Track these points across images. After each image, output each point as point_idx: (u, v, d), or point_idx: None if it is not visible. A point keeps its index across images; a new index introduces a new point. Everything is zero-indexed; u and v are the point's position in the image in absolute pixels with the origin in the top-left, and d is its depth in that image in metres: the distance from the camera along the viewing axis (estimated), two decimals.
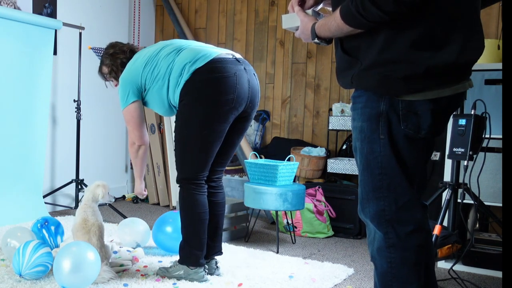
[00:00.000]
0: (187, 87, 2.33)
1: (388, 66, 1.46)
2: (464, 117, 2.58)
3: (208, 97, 2.31)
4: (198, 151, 2.38)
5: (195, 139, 2.36)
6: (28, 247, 2.34)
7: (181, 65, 2.36)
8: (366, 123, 1.56)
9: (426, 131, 1.53)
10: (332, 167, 3.91)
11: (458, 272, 2.76)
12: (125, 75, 2.52)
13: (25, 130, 3.76)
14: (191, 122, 2.35)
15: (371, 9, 1.38)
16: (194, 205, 2.40)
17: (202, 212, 2.42)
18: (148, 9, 5.13)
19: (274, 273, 2.66)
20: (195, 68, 2.32)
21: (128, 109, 2.50)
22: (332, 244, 3.43)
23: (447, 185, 2.72)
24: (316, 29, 1.59)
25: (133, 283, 2.42)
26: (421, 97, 1.49)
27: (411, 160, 1.56)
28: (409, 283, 1.57)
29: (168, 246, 2.93)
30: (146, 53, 2.51)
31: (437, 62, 1.43)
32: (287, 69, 4.57)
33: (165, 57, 2.43)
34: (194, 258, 2.43)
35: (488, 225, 3.18)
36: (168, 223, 2.92)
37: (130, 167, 4.96)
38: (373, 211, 1.59)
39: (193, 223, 2.41)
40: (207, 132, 2.34)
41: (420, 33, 1.43)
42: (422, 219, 1.60)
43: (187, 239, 2.43)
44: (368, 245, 1.66)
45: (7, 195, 3.62)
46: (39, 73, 3.82)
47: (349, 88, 1.62)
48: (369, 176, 1.58)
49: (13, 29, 3.60)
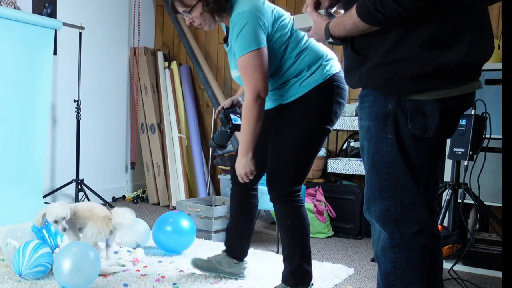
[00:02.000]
0: (320, 90, 2.08)
1: (396, 65, 1.46)
2: (464, 117, 2.58)
3: (336, 111, 2.11)
4: (306, 164, 2.16)
5: (308, 153, 2.14)
6: (28, 247, 2.34)
7: (317, 53, 2.10)
8: (374, 122, 1.55)
9: (433, 131, 1.52)
10: (332, 167, 3.91)
11: (458, 272, 2.76)
12: (251, 13, 1.99)
13: (25, 130, 3.76)
14: (311, 133, 2.11)
15: (390, 4, 1.37)
16: (304, 218, 2.21)
17: (309, 224, 2.25)
18: (148, 9, 5.13)
19: (274, 273, 2.66)
20: (332, 73, 2.10)
21: (249, 54, 1.97)
22: (332, 244, 3.43)
23: (447, 185, 2.72)
24: (330, 29, 1.57)
25: (133, 283, 2.42)
26: (428, 96, 1.48)
27: (418, 160, 1.55)
28: (412, 284, 1.57)
29: (168, 246, 2.93)
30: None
31: (445, 62, 1.42)
32: None
33: (296, 32, 2.10)
34: (309, 276, 2.24)
35: (488, 225, 3.18)
36: (168, 223, 2.91)
37: (130, 167, 4.96)
38: (378, 211, 1.58)
39: (307, 239, 2.22)
40: (319, 147, 2.16)
41: (430, 32, 1.42)
42: (427, 220, 1.59)
43: (303, 257, 2.20)
44: (373, 244, 1.66)
45: (7, 195, 3.62)
46: (39, 73, 3.82)
47: (357, 88, 1.60)
48: (375, 175, 1.58)
49: (13, 29, 3.60)
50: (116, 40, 4.74)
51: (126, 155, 4.95)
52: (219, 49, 4.87)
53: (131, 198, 4.73)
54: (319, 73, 2.09)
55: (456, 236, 2.66)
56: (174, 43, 5.15)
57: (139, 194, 4.79)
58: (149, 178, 4.67)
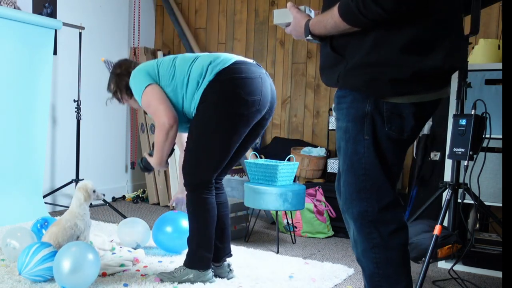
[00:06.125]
0: (212, 87, 2.25)
1: (375, 68, 1.47)
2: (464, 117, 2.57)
3: (237, 96, 2.23)
4: (219, 152, 2.31)
5: (217, 139, 2.29)
6: (39, 253, 2.29)
7: (202, 67, 2.29)
8: (351, 124, 1.57)
9: (408, 133, 1.56)
10: (332, 167, 3.90)
11: (458, 272, 2.76)
12: (139, 68, 2.44)
13: (25, 130, 3.76)
14: (215, 122, 2.27)
15: (372, 7, 1.38)
16: (208, 209, 2.35)
17: (215, 215, 2.39)
18: (148, 9, 5.13)
19: (274, 273, 2.66)
20: (220, 69, 2.25)
21: (146, 92, 2.33)
22: (332, 244, 3.43)
23: (447, 185, 2.71)
24: (311, 26, 1.59)
25: (133, 283, 2.42)
26: (406, 100, 1.51)
27: (393, 161, 1.58)
28: (397, 283, 1.59)
29: (168, 246, 2.93)
30: (156, 59, 2.48)
31: (424, 67, 1.45)
32: (287, 69, 4.57)
33: (181, 61, 2.37)
34: (206, 261, 2.40)
35: (488, 225, 3.18)
36: (168, 223, 2.92)
37: (130, 167, 4.96)
38: (356, 212, 1.61)
39: (207, 227, 2.36)
40: (231, 133, 2.27)
41: (410, 36, 1.44)
42: (404, 219, 1.63)
43: (201, 243, 2.37)
44: (352, 248, 1.69)
45: (7, 195, 3.62)
46: (39, 73, 3.82)
47: (334, 86, 1.62)
48: (352, 177, 1.60)
49: (13, 29, 3.60)
50: (116, 40, 4.74)
51: (126, 155, 4.95)
52: (219, 49, 4.88)
53: (131, 198, 4.73)
54: (207, 79, 2.27)
55: (456, 236, 2.65)
56: (174, 43, 5.16)
57: (139, 194, 4.78)
58: (149, 178, 4.66)
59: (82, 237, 2.52)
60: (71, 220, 2.50)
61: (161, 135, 2.32)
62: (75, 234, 2.50)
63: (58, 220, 2.55)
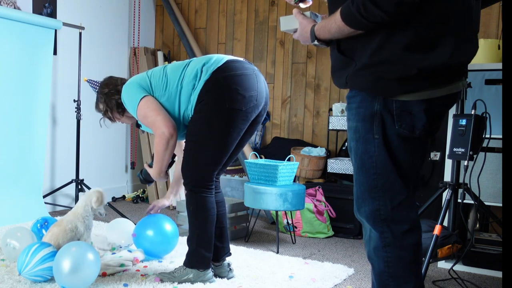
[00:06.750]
0: (208, 86, 2.26)
1: (381, 67, 1.49)
2: (464, 117, 2.57)
3: (234, 93, 2.24)
4: (218, 150, 2.30)
5: (217, 136, 2.28)
6: (39, 253, 2.29)
7: (196, 69, 2.30)
8: (361, 123, 1.58)
9: (420, 131, 1.55)
10: (332, 167, 3.91)
11: (458, 272, 2.76)
12: (130, 82, 2.45)
13: (25, 130, 3.76)
14: (214, 120, 2.27)
15: (372, 9, 1.40)
16: (208, 208, 2.35)
17: (214, 215, 2.40)
18: (148, 9, 5.13)
19: (274, 273, 2.66)
20: (215, 68, 2.27)
21: (141, 105, 2.34)
22: (332, 244, 3.43)
23: (447, 185, 2.71)
24: (316, 31, 1.61)
25: (133, 283, 2.42)
26: (414, 97, 1.51)
27: (405, 159, 1.58)
28: (405, 282, 1.59)
29: (152, 251, 2.81)
30: (146, 71, 2.49)
31: (429, 64, 1.46)
32: (287, 69, 4.57)
33: (172, 69, 2.39)
34: (206, 261, 2.40)
35: (488, 225, 3.18)
36: (149, 228, 2.77)
37: (130, 167, 4.96)
38: (368, 211, 1.61)
39: (207, 227, 2.36)
40: (231, 129, 2.28)
41: (413, 35, 1.46)
42: (417, 218, 1.62)
43: (201, 243, 2.36)
44: (365, 244, 1.68)
45: (7, 195, 3.62)
46: (39, 73, 3.82)
47: (344, 88, 1.64)
48: (364, 176, 1.60)
49: (13, 29, 3.60)
50: (116, 40, 4.74)
51: (126, 155, 4.95)
52: (219, 49, 4.88)
53: (131, 198, 4.73)
54: (203, 79, 2.28)
55: (456, 236, 2.65)
56: (174, 43, 5.16)
57: (139, 194, 4.78)
58: None
59: (82, 240, 2.52)
60: (72, 222, 2.50)
61: (161, 145, 2.32)
62: (75, 236, 2.50)
63: (60, 221, 2.55)
